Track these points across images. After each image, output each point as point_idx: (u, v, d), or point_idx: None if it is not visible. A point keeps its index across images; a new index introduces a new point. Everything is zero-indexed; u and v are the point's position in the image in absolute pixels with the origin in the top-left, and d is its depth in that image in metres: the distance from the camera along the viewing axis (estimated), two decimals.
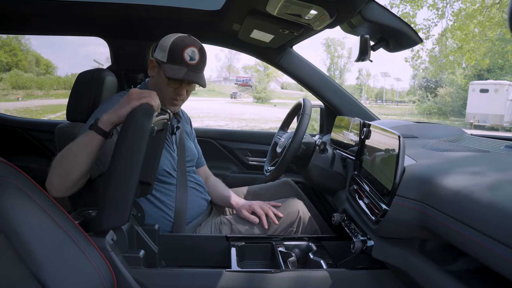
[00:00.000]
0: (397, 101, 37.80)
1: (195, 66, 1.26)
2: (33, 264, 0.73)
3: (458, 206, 0.71)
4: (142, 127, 0.93)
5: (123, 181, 0.92)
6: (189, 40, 1.27)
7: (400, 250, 0.94)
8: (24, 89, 28.06)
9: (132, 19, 1.71)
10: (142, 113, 0.95)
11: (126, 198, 0.92)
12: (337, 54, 48.89)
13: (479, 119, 15.85)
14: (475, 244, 0.64)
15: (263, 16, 1.29)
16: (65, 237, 0.83)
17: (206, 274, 1.00)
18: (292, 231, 1.45)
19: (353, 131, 1.45)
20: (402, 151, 0.93)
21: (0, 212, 0.72)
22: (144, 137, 0.92)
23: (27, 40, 37.39)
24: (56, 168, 1.06)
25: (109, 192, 0.92)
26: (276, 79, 49.17)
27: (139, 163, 0.92)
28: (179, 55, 1.24)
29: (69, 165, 1.05)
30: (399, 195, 0.90)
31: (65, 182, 1.05)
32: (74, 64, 78.32)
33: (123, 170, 0.92)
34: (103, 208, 0.92)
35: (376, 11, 1.18)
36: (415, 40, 1.26)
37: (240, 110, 20.15)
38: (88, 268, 0.84)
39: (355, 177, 1.31)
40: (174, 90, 1.30)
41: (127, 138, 0.93)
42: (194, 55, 1.25)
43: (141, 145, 0.92)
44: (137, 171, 0.92)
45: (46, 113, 15.04)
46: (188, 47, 1.24)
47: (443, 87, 25.43)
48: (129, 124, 0.94)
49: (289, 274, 1.01)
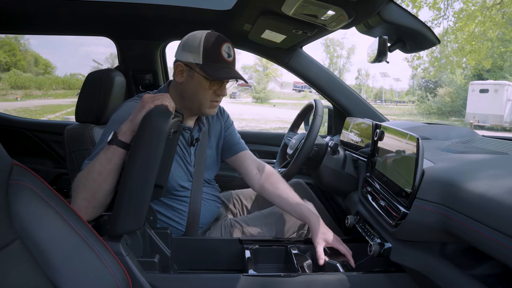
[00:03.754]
0: (396, 101, 37.85)
1: (233, 62, 1.21)
2: (49, 269, 0.72)
3: (484, 209, 0.71)
4: (160, 129, 0.91)
5: (139, 185, 0.90)
6: (219, 36, 1.17)
7: (420, 253, 0.93)
8: (23, 89, 28.00)
9: (140, 19, 1.70)
10: (158, 115, 0.93)
11: (143, 202, 0.90)
12: (336, 54, 48.91)
13: (479, 119, 15.87)
14: (503, 248, 0.63)
15: (277, 16, 1.27)
16: (81, 241, 0.81)
17: (223, 279, 0.99)
18: (303, 234, 1.43)
19: (364, 132, 1.44)
20: (422, 153, 0.92)
21: (17, 217, 0.71)
22: (161, 139, 0.91)
23: (26, 40, 37.32)
24: (80, 190, 1.00)
25: (125, 195, 0.90)
26: (275, 79, 49.19)
27: (156, 166, 0.90)
28: (217, 53, 1.15)
29: (94, 184, 1.00)
30: (419, 198, 0.89)
31: (92, 203, 1.01)
32: (73, 64, 78.25)
33: (140, 174, 0.90)
34: (119, 211, 0.91)
35: (394, 11, 1.16)
36: (432, 41, 1.24)
37: (239, 110, 20.11)
38: (104, 273, 0.83)
39: (367, 178, 1.30)
40: (214, 91, 1.22)
41: (143, 140, 0.91)
42: (230, 51, 1.19)
43: (158, 148, 0.90)
44: (154, 174, 0.90)
45: (45, 113, 14.99)
46: (224, 44, 1.16)
47: (442, 87, 25.44)
48: (145, 126, 0.92)
49: (307, 278, 1.00)
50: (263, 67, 43.44)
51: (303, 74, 1.83)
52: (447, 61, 11.88)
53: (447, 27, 10.07)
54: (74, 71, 56.48)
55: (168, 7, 1.54)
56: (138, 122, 0.96)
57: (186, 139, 1.31)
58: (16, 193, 0.72)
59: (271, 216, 1.42)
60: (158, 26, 1.76)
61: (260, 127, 12.90)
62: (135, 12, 1.59)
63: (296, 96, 44.23)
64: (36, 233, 0.72)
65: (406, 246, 0.97)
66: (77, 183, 1.02)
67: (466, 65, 12.32)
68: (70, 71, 62.69)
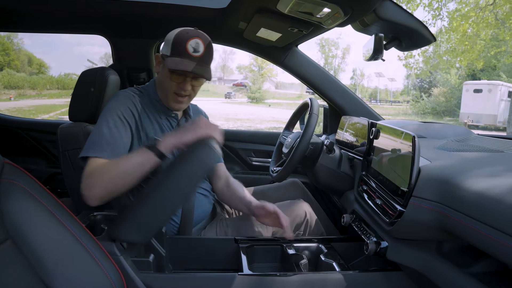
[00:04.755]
0: (391, 101, 38.03)
1: (200, 58, 1.19)
2: (42, 270, 0.71)
3: (482, 207, 0.71)
4: (207, 167, 0.92)
5: (163, 207, 0.91)
6: (194, 32, 1.20)
7: (416, 251, 0.93)
8: (16, 88, 27.73)
9: (135, 17, 1.68)
10: (208, 150, 0.94)
11: (159, 222, 0.92)
12: (331, 54, 49.03)
13: (472, 119, 16.00)
14: (502, 246, 0.63)
15: (272, 14, 1.26)
16: (74, 241, 0.80)
17: (219, 279, 0.98)
18: (299, 234, 1.43)
19: (360, 131, 1.44)
20: (418, 152, 0.92)
21: (9, 217, 0.69)
22: (201, 174, 0.92)
23: (20, 40, 37.02)
24: (103, 180, 1.04)
25: (146, 207, 0.91)
26: (271, 79, 49.21)
27: (186, 196, 0.91)
28: (182, 47, 1.17)
29: (119, 181, 1.05)
30: (416, 196, 0.89)
31: (109, 195, 1.05)
32: (67, 63, 77.66)
33: (168, 197, 0.91)
34: (130, 220, 0.91)
35: (391, 9, 1.16)
36: (428, 38, 1.24)
37: (235, 110, 20.09)
38: (98, 273, 0.81)
39: (363, 177, 1.30)
40: (177, 84, 1.23)
41: (188, 167, 0.91)
42: (198, 47, 1.18)
43: (196, 182, 0.92)
44: (181, 203, 0.91)
45: (39, 113, 14.87)
46: (192, 39, 1.18)
47: (437, 87, 25.60)
48: (191, 155, 0.93)
49: (303, 277, 0.99)
50: (258, 67, 43.42)
51: (298, 72, 1.83)
52: (441, 61, 11.96)
53: (441, 27, 10.13)
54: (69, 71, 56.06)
55: (163, 5, 1.52)
56: (186, 142, 1.00)
57: (174, 128, 1.33)
58: (7, 192, 0.71)
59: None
60: (153, 25, 1.75)
61: (255, 127, 12.89)
62: (130, 10, 1.58)
63: (291, 96, 44.29)
64: (28, 233, 0.71)
65: (402, 245, 0.97)
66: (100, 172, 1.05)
67: (460, 65, 12.39)
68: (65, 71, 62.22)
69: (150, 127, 1.25)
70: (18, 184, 0.73)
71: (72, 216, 0.82)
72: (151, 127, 1.25)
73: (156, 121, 1.27)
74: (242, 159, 2.16)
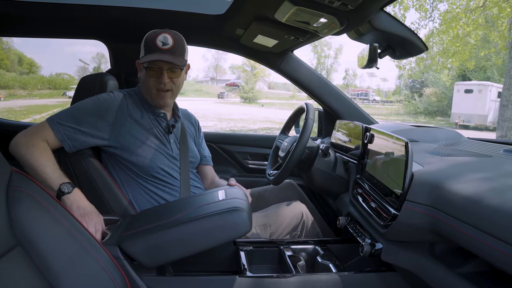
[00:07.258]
0: (384, 101, 38.23)
1: (170, 50, 1.26)
2: (50, 275, 0.73)
3: (469, 211, 0.74)
4: (234, 233, 1.03)
5: (182, 245, 0.98)
6: (161, 30, 1.29)
7: (410, 253, 0.96)
8: (6, 88, 27.34)
9: (133, 23, 1.70)
10: (242, 220, 1.03)
11: (170, 257, 0.97)
12: (324, 54, 49.13)
13: (463, 119, 16.20)
14: (487, 247, 0.67)
15: (270, 22, 1.29)
16: (80, 246, 0.82)
17: (219, 281, 1.01)
18: (296, 235, 1.46)
19: (354, 135, 1.48)
20: (411, 157, 0.95)
21: (18, 224, 0.71)
22: (228, 239, 1.04)
23: (9, 38, 36.49)
24: (21, 152, 1.19)
25: (163, 238, 0.96)
26: (263, 79, 49.20)
27: (204, 248, 1.00)
28: (152, 43, 1.26)
29: (25, 164, 1.17)
30: (409, 200, 0.93)
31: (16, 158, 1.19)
32: (59, 63, 76.55)
33: (190, 240, 0.99)
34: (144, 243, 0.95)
35: (385, 20, 1.20)
36: (421, 48, 1.29)
37: (228, 110, 20.06)
38: (104, 277, 0.84)
39: (358, 180, 1.33)
40: (156, 80, 1.29)
41: (216, 227, 1.01)
42: (167, 40, 1.26)
43: (220, 241, 1.02)
44: (197, 251, 0.99)
45: (30, 114, 14.68)
46: (160, 34, 1.26)
47: (429, 87, 25.81)
48: (226, 219, 1.03)
49: (300, 278, 1.03)
50: (251, 67, 43.35)
51: (294, 77, 1.86)
52: (433, 62, 12.08)
53: (432, 28, 10.24)
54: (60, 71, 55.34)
55: (161, 11, 1.55)
56: (77, 217, 1.02)
57: (163, 127, 1.38)
58: (16, 200, 0.73)
59: (264, 218, 1.44)
60: (150, 30, 1.76)
61: (249, 127, 12.90)
62: (128, 16, 1.60)
63: (284, 96, 44.34)
64: (37, 239, 0.73)
65: (396, 246, 1.00)
66: (28, 147, 1.19)
67: (451, 66, 12.52)
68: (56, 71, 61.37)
69: (136, 126, 1.30)
70: (26, 192, 0.75)
71: (77, 222, 0.85)
72: (136, 126, 1.31)
73: (143, 121, 1.33)
74: (238, 162, 2.18)
